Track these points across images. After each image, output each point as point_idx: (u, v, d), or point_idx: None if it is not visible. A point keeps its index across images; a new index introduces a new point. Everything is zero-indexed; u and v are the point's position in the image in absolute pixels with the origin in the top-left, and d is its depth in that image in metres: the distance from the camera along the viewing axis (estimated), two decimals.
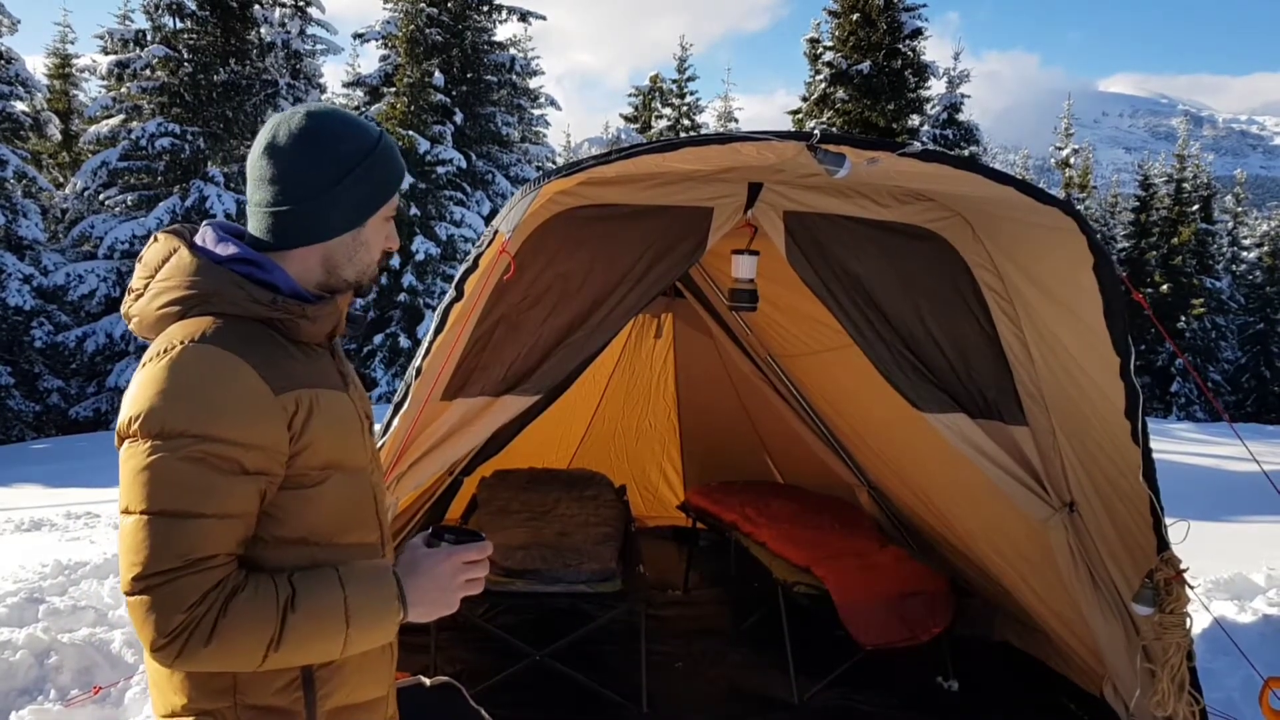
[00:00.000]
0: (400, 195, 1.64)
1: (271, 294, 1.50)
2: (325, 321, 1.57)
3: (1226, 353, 30.40)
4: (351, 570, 1.47)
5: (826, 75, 21.29)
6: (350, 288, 1.64)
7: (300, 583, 1.42)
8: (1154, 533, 3.34)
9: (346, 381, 1.66)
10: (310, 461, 1.49)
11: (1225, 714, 3.80)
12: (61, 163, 23.49)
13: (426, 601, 1.52)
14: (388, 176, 1.62)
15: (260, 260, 1.53)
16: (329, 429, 1.52)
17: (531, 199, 3.08)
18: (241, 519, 1.40)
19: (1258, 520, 8.03)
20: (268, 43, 20.01)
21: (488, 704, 2.80)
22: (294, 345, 1.54)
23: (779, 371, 5.64)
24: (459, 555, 1.55)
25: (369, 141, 1.60)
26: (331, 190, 1.55)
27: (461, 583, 1.55)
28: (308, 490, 1.50)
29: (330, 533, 1.54)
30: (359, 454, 1.62)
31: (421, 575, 1.52)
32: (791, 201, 3.68)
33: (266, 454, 1.42)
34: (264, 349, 1.46)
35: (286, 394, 1.45)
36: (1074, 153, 30.46)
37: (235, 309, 1.47)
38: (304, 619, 1.39)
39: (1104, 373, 3.27)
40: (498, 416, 3.63)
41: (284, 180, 1.55)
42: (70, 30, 24.20)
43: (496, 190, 22.02)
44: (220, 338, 1.42)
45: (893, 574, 4.47)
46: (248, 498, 1.41)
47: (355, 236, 1.60)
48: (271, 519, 1.47)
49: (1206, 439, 14.52)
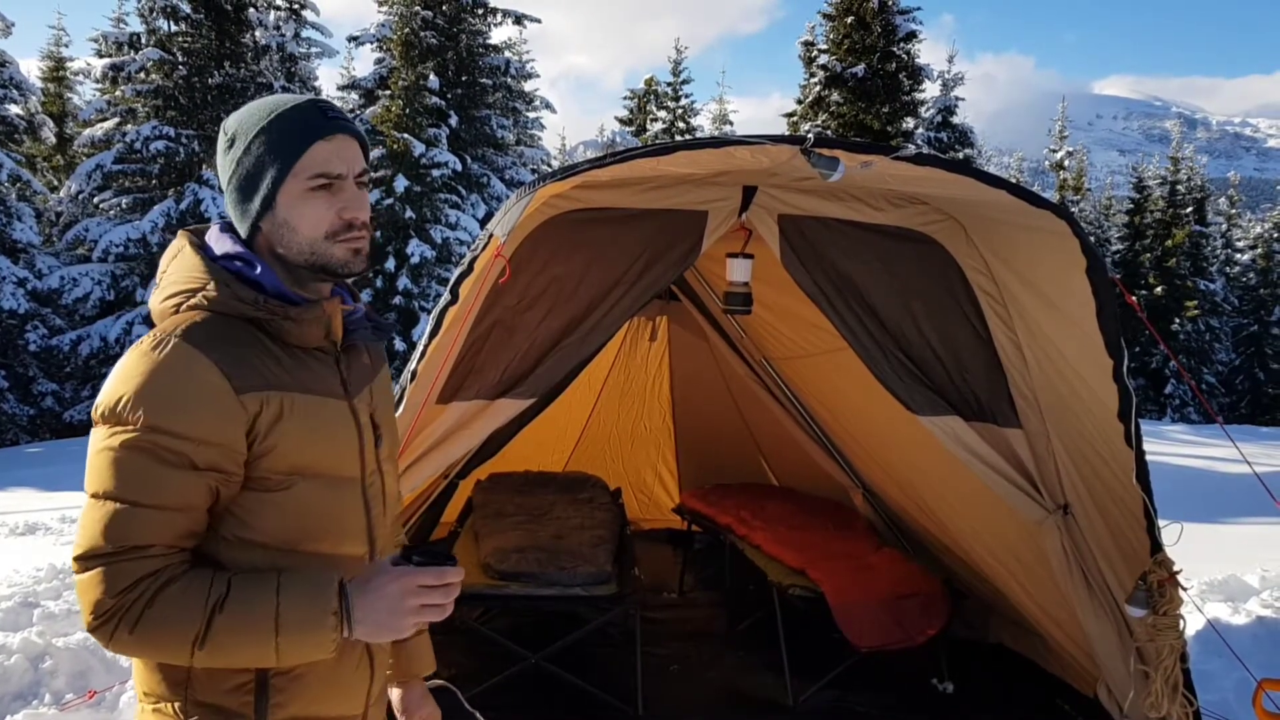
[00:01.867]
0: (367, 172, 1.44)
1: (255, 293, 1.47)
2: (312, 325, 1.51)
3: (1220, 355, 30.46)
4: (293, 578, 1.42)
5: (821, 78, 21.31)
6: (314, 274, 1.53)
7: (237, 584, 1.38)
8: (1147, 535, 3.36)
9: (350, 390, 1.60)
10: (275, 465, 1.45)
11: (1219, 716, 3.81)
12: (56, 166, 23.46)
13: (372, 621, 1.43)
14: (282, 145, 1.48)
15: (251, 259, 1.51)
16: (302, 435, 1.47)
17: (527, 202, 3.09)
18: (184, 513, 1.38)
19: (1251, 522, 8.05)
20: (262, 46, 20.00)
21: (483, 707, 2.81)
22: (282, 347, 1.49)
23: (773, 374, 5.65)
24: (413, 577, 1.43)
25: (261, 117, 1.50)
26: (234, 175, 1.51)
27: (414, 607, 1.43)
28: (272, 494, 1.46)
29: (297, 539, 1.49)
30: (345, 463, 1.56)
31: (370, 593, 1.43)
32: (786, 205, 3.69)
33: (220, 451, 1.39)
34: (238, 347, 1.43)
35: (252, 394, 1.41)
36: (1068, 155, 30.55)
37: (223, 307, 1.45)
38: (230, 621, 1.36)
39: (1097, 375, 3.28)
40: (493, 420, 3.64)
41: (222, 184, 1.55)
42: (65, 33, 24.18)
43: (491, 193, 22.01)
44: (192, 333, 1.40)
45: (887, 576, 4.48)
46: (193, 492, 1.38)
47: (273, 220, 1.50)
48: (235, 518, 1.45)
49: (1200, 441, 14.56)
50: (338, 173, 1.50)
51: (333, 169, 1.49)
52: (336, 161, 1.50)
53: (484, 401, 3.60)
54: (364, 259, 1.55)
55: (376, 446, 1.66)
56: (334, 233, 1.50)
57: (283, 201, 1.48)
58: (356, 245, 1.53)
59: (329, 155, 1.49)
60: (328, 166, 1.49)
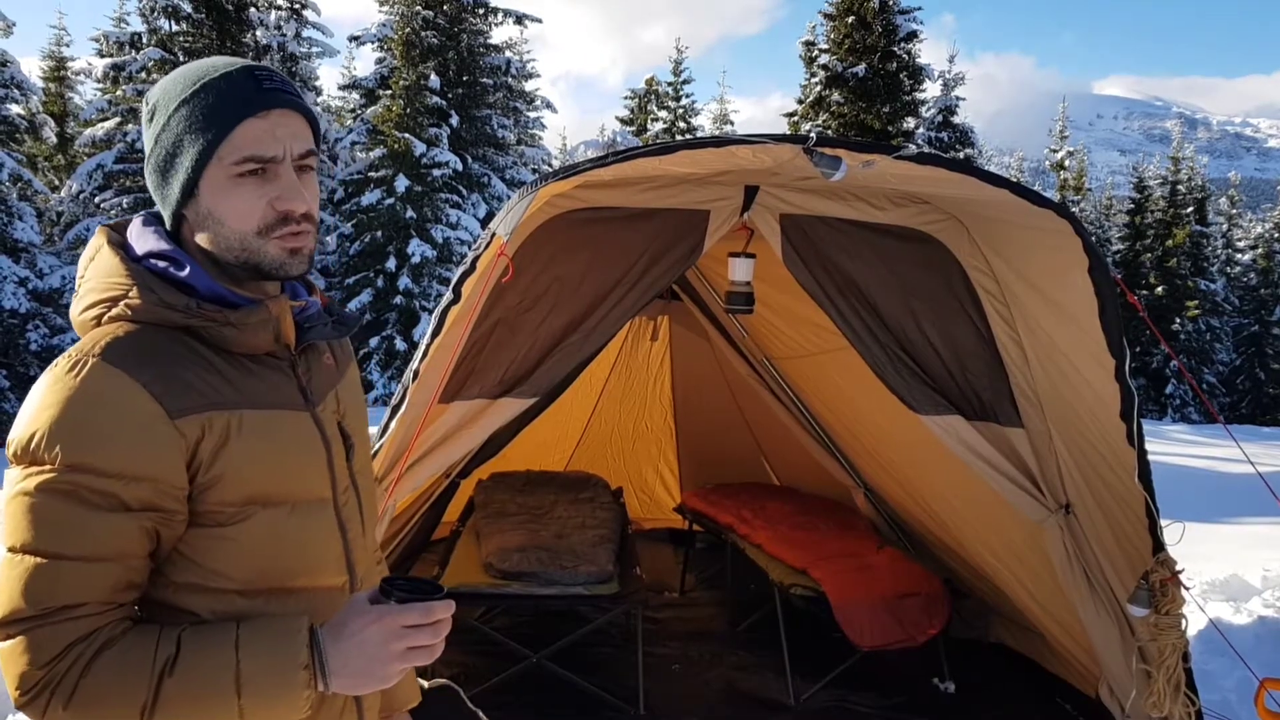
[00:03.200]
0: (320, 156, 1.31)
1: (186, 298, 1.26)
2: (257, 329, 1.30)
3: (1221, 354, 30.46)
4: (255, 628, 1.22)
5: (822, 78, 21.33)
6: (247, 274, 1.32)
7: (189, 641, 1.18)
8: (1149, 534, 3.35)
9: (312, 398, 1.40)
10: (225, 496, 1.25)
11: (1221, 715, 3.81)
12: (57, 165, 23.47)
13: (351, 672, 1.22)
14: (205, 121, 1.25)
15: (179, 256, 1.29)
16: (255, 456, 1.27)
17: (529, 202, 3.09)
18: (117, 562, 1.18)
19: (1253, 521, 8.05)
20: (263, 45, 20.00)
21: (484, 706, 2.81)
22: (224, 357, 1.29)
23: (775, 374, 5.65)
24: (396, 617, 1.23)
25: (184, 86, 1.28)
26: (153, 154, 1.30)
27: (398, 651, 1.22)
28: (226, 529, 1.26)
29: (264, 578, 1.29)
30: (312, 484, 1.36)
31: (346, 639, 1.22)
32: (787, 204, 3.69)
33: (155, 487, 1.19)
34: (171, 364, 1.23)
35: (189, 418, 1.21)
36: (1069, 155, 30.54)
37: (149, 316, 1.24)
38: (183, 685, 1.16)
39: (1099, 375, 3.28)
40: (495, 419, 3.64)
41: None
42: (66, 33, 24.19)
43: (492, 193, 22.02)
44: (115, 351, 1.20)
45: (889, 575, 4.48)
46: (126, 538, 1.18)
47: (196, 210, 1.29)
48: (186, 560, 1.25)
49: (1201, 440, 14.56)
50: (270, 155, 1.26)
51: (264, 151, 1.26)
52: (270, 142, 1.26)
53: (486, 401, 3.61)
54: (304, 259, 1.32)
55: (348, 459, 1.45)
56: (266, 227, 1.28)
57: (205, 189, 1.27)
58: (294, 243, 1.30)
59: (261, 134, 1.26)
60: (258, 148, 1.25)
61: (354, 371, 1.58)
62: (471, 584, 4.38)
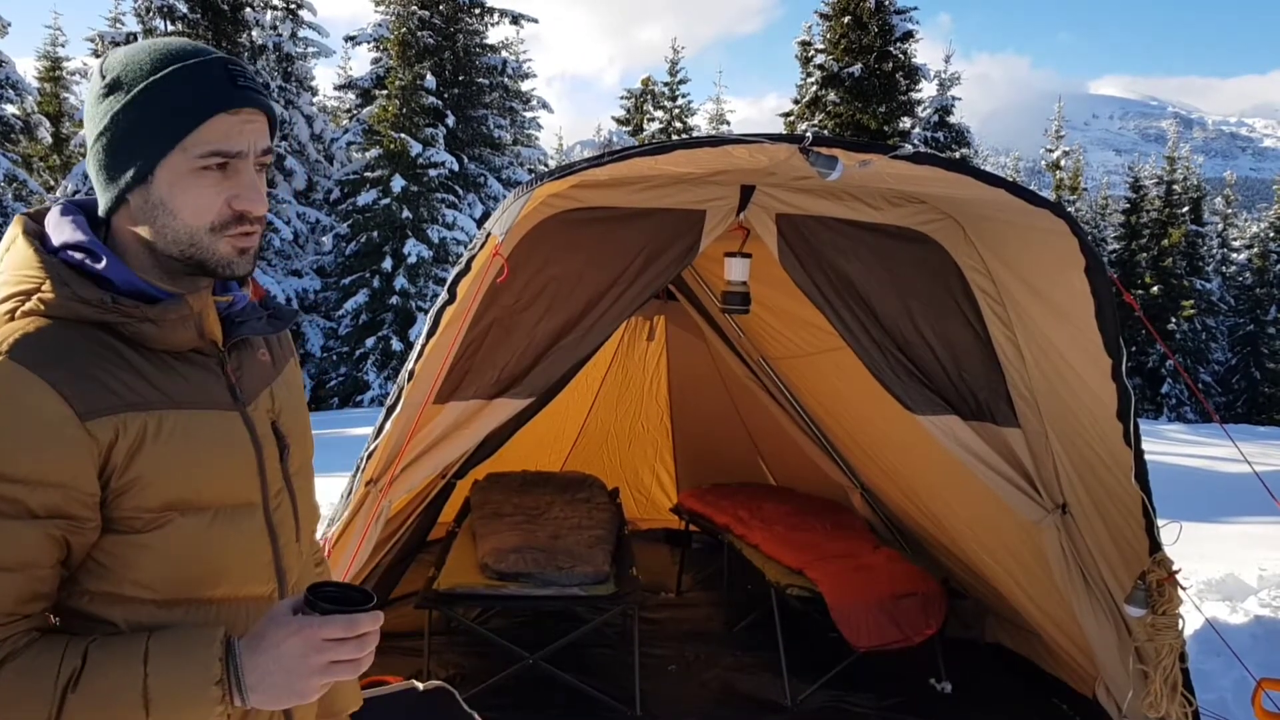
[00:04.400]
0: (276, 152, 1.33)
1: (101, 292, 1.19)
2: (177, 326, 1.23)
3: (1217, 354, 30.54)
4: (166, 640, 1.15)
5: (818, 78, 21.36)
6: (189, 269, 1.26)
7: (95, 655, 1.12)
8: (1146, 534, 3.35)
9: (242, 396, 1.33)
10: (143, 502, 1.18)
11: (1217, 715, 3.81)
12: (52, 166, 23.43)
13: (268, 686, 1.16)
14: (175, 107, 1.19)
15: (96, 248, 1.22)
16: (175, 460, 1.20)
17: (524, 201, 3.08)
18: (23, 573, 1.11)
19: (1248, 521, 8.05)
20: (259, 45, 19.99)
21: (480, 707, 2.81)
22: (145, 355, 1.21)
23: (771, 374, 5.65)
24: (316, 629, 1.15)
25: (154, 64, 1.21)
26: (106, 131, 1.22)
27: (320, 665, 1.16)
28: (143, 535, 1.19)
29: (185, 586, 1.23)
30: (238, 488, 1.29)
31: (263, 652, 1.16)
32: (784, 204, 3.68)
33: (63, 493, 1.12)
34: (84, 362, 1.16)
35: (101, 419, 1.14)
36: (1064, 155, 30.62)
37: (62, 310, 1.17)
38: (86, 701, 1.10)
39: (1096, 374, 3.28)
40: (491, 419, 3.63)
41: (86, 126, 1.26)
42: (61, 33, 24.16)
43: (488, 193, 22.03)
44: (22, 348, 1.12)
45: (885, 576, 4.47)
46: (31, 547, 1.11)
47: (145, 196, 1.21)
48: (100, 568, 1.19)
49: (1197, 440, 14.57)
50: (236, 150, 1.22)
51: (231, 146, 1.21)
52: (237, 138, 1.22)
53: (482, 401, 3.60)
54: (250, 260, 1.28)
55: (282, 460, 1.38)
56: (221, 225, 1.23)
57: (162, 177, 1.21)
58: (245, 244, 1.26)
59: (229, 130, 1.21)
60: (225, 143, 1.21)
61: (293, 368, 1.51)
62: (467, 585, 4.37)
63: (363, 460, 3.30)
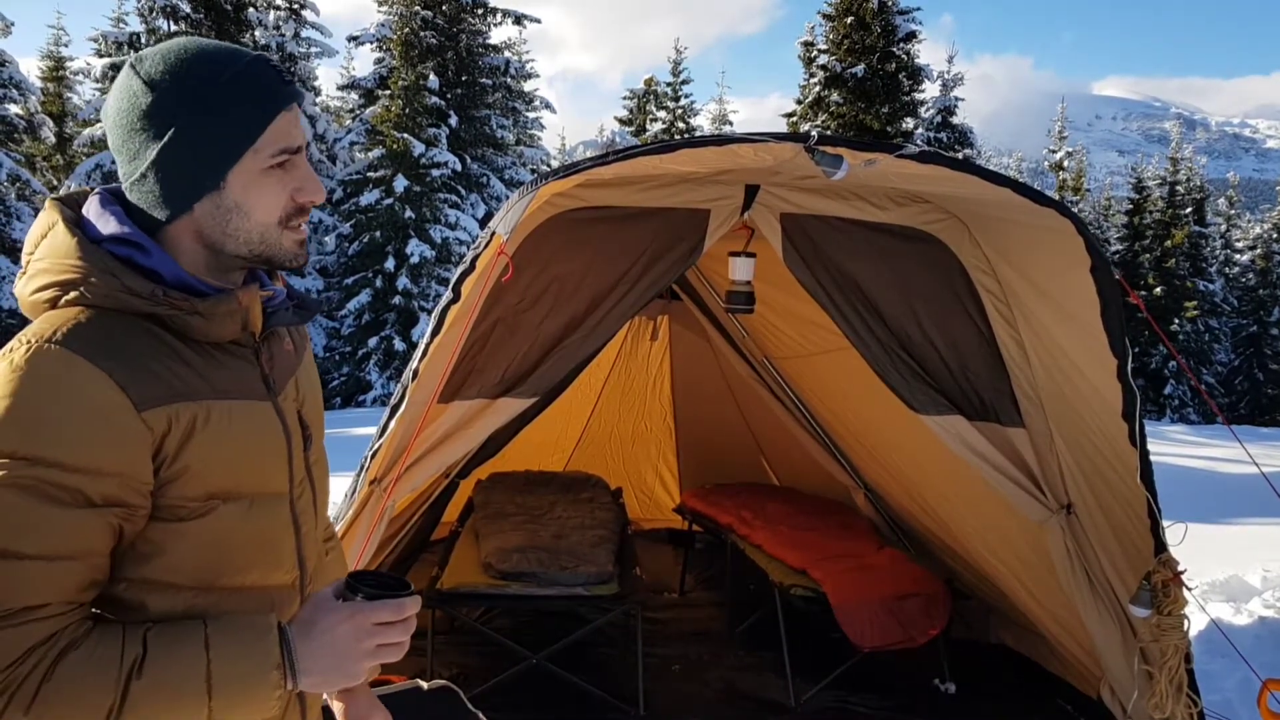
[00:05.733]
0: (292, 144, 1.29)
1: (152, 285, 1.20)
2: (225, 319, 1.25)
3: (1219, 355, 30.50)
4: (224, 627, 1.18)
5: (821, 78, 21.37)
6: (251, 265, 1.31)
7: (155, 641, 1.14)
8: (1151, 535, 3.35)
9: (275, 387, 1.36)
10: (188, 490, 1.20)
11: (1221, 716, 3.80)
12: (55, 165, 23.47)
13: (320, 670, 1.20)
14: (239, 114, 1.22)
15: (143, 241, 1.23)
16: (220, 450, 1.23)
17: (529, 200, 3.08)
18: (83, 560, 1.13)
19: (1252, 522, 8.04)
20: (262, 45, 19.99)
21: (484, 707, 2.80)
22: (190, 346, 1.24)
23: (775, 374, 5.64)
24: (367, 614, 1.21)
25: (209, 72, 1.22)
26: (158, 153, 1.22)
27: (370, 648, 1.22)
28: (185, 524, 1.21)
29: (217, 574, 1.25)
30: (272, 477, 1.32)
31: (315, 638, 1.20)
32: (788, 204, 3.68)
33: (120, 482, 1.13)
34: (136, 353, 1.17)
35: (156, 409, 1.16)
36: (1068, 155, 30.59)
37: (112, 301, 1.18)
38: (152, 688, 1.12)
39: (1101, 374, 3.27)
40: (495, 419, 3.63)
41: (116, 146, 1.26)
42: (64, 33, 24.22)
43: (491, 193, 22.05)
44: (77, 338, 1.13)
45: (889, 576, 4.47)
46: (92, 535, 1.13)
47: (217, 202, 1.24)
48: (139, 555, 1.20)
49: (1200, 441, 14.55)
50: (298, 146, 1.27)
51: (294, 142, 1.26)
52: (296, 133, 1.27)
53: (485, 401, 3.59)
54: (307, 251, 1.34)
55: (306, 449, 1.42)
56: (286, 217, 1.28)
57: (236, 181, 1.23)
58: (302, 235, 1.31)
59: (289, 126, 1.26)
60: (289, 140, 1.25)
61: (310, 356, 1.54)
62: (471, 584, 4.37)
63: (367, 459, 3.30)
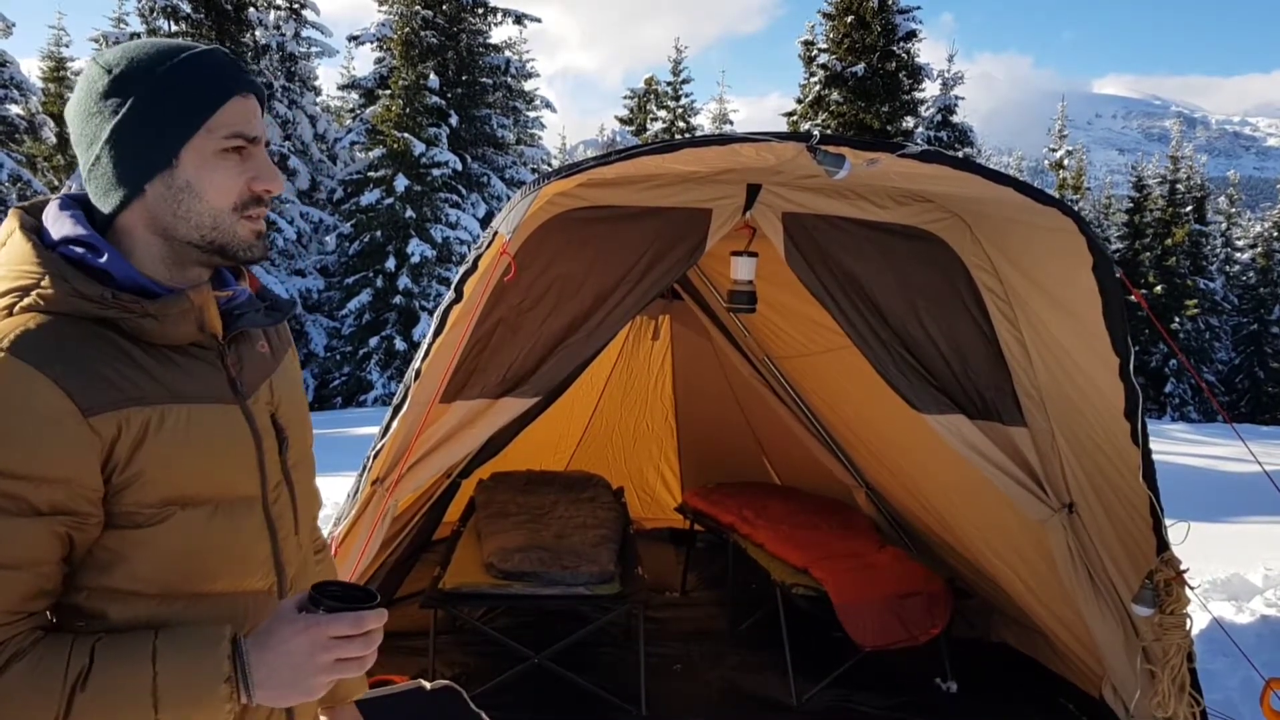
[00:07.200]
0: (247, 132, 1.29)
1: (101, 288, 1.18)
2: (178, 320, 1.22)
3: (1220, 353, 30.51)
4: (173, 639, 1.15)
5: (821, 77, 21.37)
6: (208, 257, 1.27)
7: (102, 653, 1.12)
8: (1153, 533, 3.35)
9: (243, 389, 1.32)
10: (144, 496, 1.18)
11: (1224, 715, 3.80)
12: (56, 166, 23.46)
13: (275, 684, 1.17)
14: (193, 93, 1.22)
15: (96, 242, 1.21)
16: (178, 454, 1.20)
17: (531, 200, 3.08)
18: (29, 570, 1.11)
19: (1253, 521, 8.04)
20: (262, 45, 20.01)
21: (486, 706, 2.80)
22: (145, 349, 1.21)
23: (776, 373, 5.64)
24: (323, 627, 1.17)
25: (161, 56, 1.23)
26: (112, 129, 1.21)
27: (327, 663, 1.17)
28: (144, 531, 1.18)
29: (183, 582, 1.23)
30: (240, 481, 1.29)
31: (271, 650, 1.17)
32: (790, 203, 3.68)
33: (68, 489, 1.12)
34: (86, 358, 1.15)
35: (104, 415, 1.14)
36: (1068, 154, 30.56)
37: (63, 306, 1.15)
38: (96, 701, 1.10)
39: (1103, 373, 3.27)
40: (496, 419, 3.63)
41: (76, 136, 1.25)
42: (65, 33, 24.21)
43: (492, 193, 22.05)
44: (24, 344, 1.11)
45: (891, 575, 4.47)
46: (38, 544, 1.11)
47: (169, 181, 1.22)
48: (99, 564, 1.18)
49: (1201, 439, 14.55)
50: (254, 135, 1.26)
51: (250, 130, 1.26)
52: (254, 121, 1.27)
53: (487, 400, 3.60)
54: (265, 245, 1.32)
55: (281, 453, 1.38)
56: (241, 205, 1.26)
57: (188, 160, 1.22)
58: (260, 226, 1.30)
59: (246, 113, 1.26)
60: (246, 126, 1.25)
61: (292, 360, 1.51)
62: (473, 584, 4.37)
63: (369, 459, 3.30)
